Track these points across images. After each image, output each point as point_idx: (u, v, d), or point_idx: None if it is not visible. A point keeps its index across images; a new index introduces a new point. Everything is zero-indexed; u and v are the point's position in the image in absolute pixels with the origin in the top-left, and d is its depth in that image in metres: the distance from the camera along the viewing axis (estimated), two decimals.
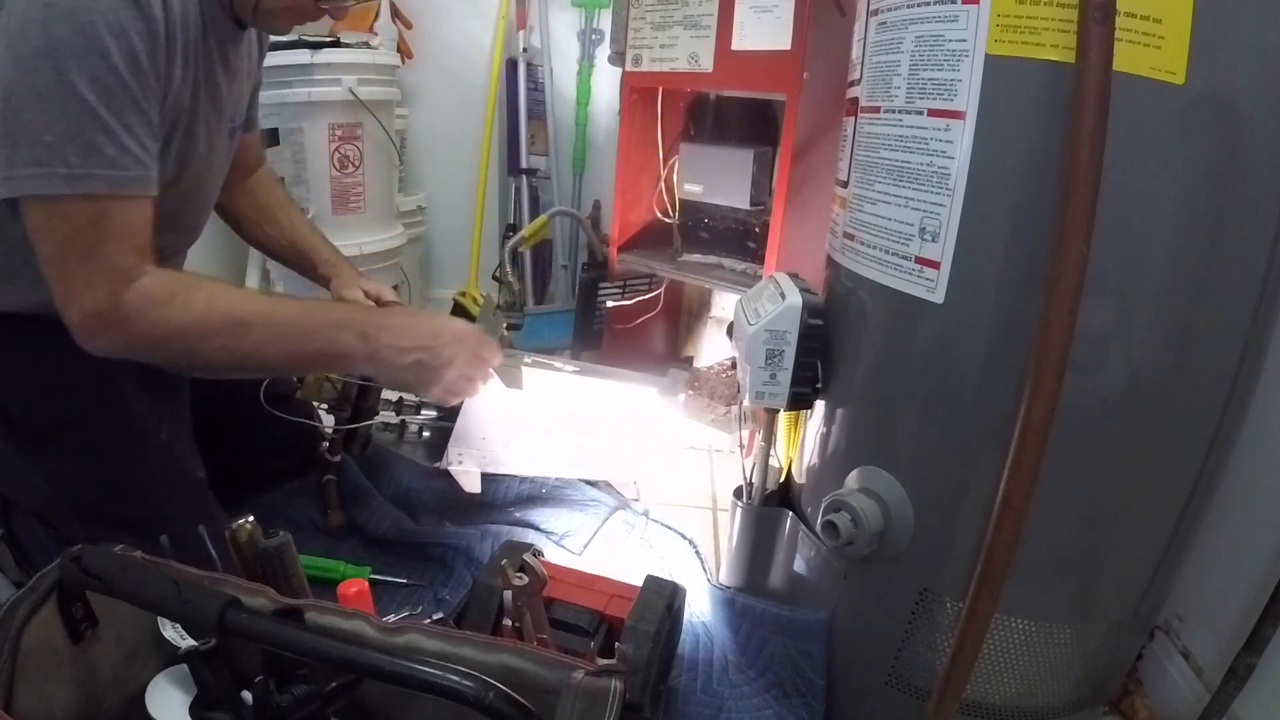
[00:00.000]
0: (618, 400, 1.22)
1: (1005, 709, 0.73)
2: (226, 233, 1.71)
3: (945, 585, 0.70)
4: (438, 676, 0.48)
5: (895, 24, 0.66)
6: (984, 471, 0.63)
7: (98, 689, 0.63)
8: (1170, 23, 0.54)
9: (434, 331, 0.82)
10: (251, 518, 0.72)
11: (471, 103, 1.95)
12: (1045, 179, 0.57)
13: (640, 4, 1.38)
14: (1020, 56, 0.58)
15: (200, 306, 0.71)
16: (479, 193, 1.95)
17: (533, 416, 1.13)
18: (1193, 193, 0.58)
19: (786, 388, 0.80)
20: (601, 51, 1.91)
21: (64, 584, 0.59)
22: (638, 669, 0.69)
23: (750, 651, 0.86)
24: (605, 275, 1.58)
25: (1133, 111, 0.55)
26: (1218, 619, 0.79)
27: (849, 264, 0.75)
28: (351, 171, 1.52)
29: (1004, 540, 0.60)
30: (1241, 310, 0.61)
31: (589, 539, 1.07)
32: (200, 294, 0.72)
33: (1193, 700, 0.79)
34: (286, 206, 1.11)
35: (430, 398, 0.84)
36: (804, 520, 0.85)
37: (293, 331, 0.76)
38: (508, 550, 0.79)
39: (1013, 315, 0.61)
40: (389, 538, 1.04)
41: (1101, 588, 0.70)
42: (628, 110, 1.48)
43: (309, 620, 0.59)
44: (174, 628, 0.60)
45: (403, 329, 0.80)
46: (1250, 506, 0.75)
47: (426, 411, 1.06)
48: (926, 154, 0.64)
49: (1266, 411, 0.70)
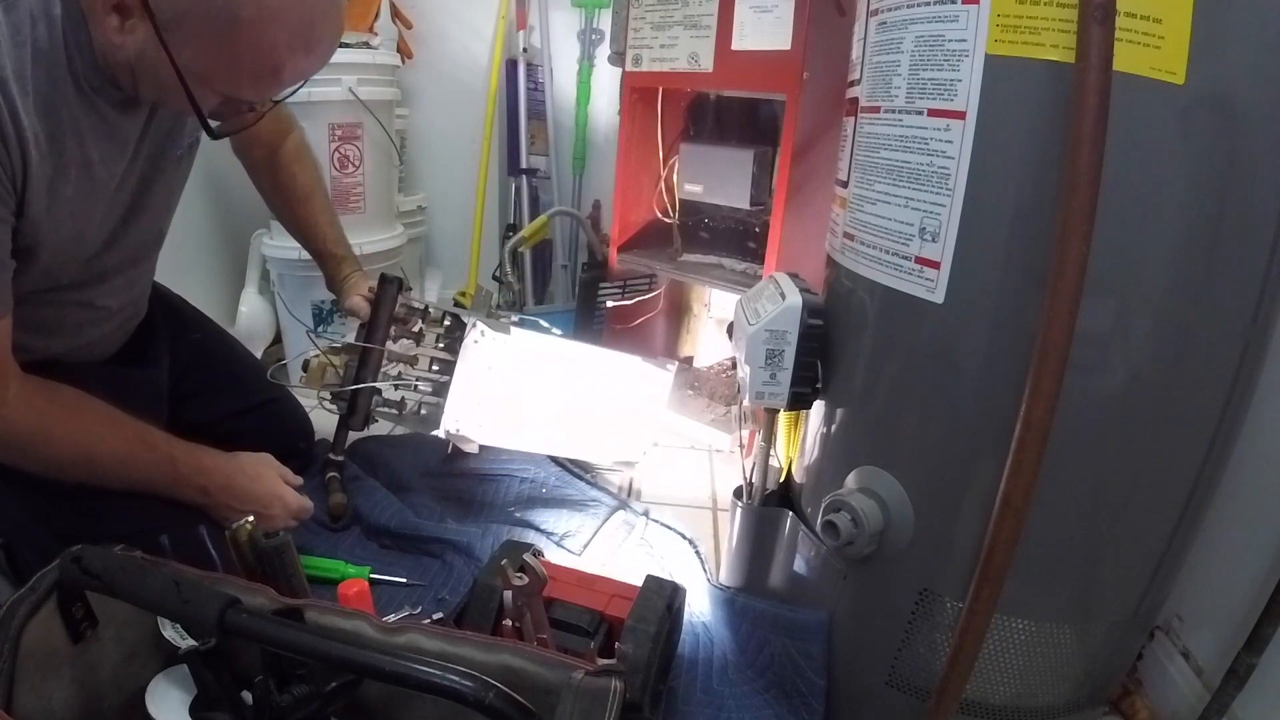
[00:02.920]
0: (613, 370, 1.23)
1: (1005, 709, 0.73)
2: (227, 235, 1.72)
3: (945, 585, 0.70)
4: (438, 676, 0.48)
5: (895, 24, 0.66)
6: (984, 471, 0.63)
7: (98, 689, 0.63)
8: (1170, 23, 0.54)
9: (265, 500, 0.93)
10: (251, 518, 0.72)
11: (471, 103, 1.95)
12: (1045, 179, 0.57)
13: (640, 4, 1.38)
14: (1020, 56, 0.58)
15: (59, 442, 0.77)
16: (479, 193, 1.95)
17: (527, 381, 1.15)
18: (1193, 193, 0.58)
19: (786, 388, 0.80)
20: (601, 51, 1.91)
21: (64, 584, 0.59)
22: (638, 669, 0.69)
23: (750, 651, 0.86)
24: (605, 275, 1.58)
25: (1133, 111, 0.55)
26: (1218, 619, 0.79)
27: (849, 264, 0.75)
28: (351, 171, 1.52)
29: (1004, 540, 0.60)
30: (1241, 310, 0.61)
31: (589, 539, 1.07)
32: (59, 430, 0.77)
33: (1193, 700, 0.79)
34: (311, 193, 1.12)
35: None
36: (804, 520, 0.85)
37: (139, 479, 0.83)
38: (508, 550, 0.79)
39: (1013, 315, 0.61)
40: (392, 527, 1.04)
41: (1101, 588, 0.70)
42: (628, 110, 1.48)
43: (309, 620, 0.59)
44: (174, 628, 0.60)
45: (241, 492, 0.91)
46: (1250, 506, 0.75)
47: (423, 387, 1.09)
48: (926, 154, 0.64)
49: (1266, 411, 0.70)
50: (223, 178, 1.62)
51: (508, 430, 1.15)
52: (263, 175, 1.12)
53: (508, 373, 1.12)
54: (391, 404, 1.11)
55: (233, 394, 1.03)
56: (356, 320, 1.10)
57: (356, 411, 1.08)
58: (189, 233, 1.54)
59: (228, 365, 1.15)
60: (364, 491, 1.11)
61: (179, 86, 0.68)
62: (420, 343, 1.12)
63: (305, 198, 1.12)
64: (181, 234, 0.98)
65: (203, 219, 1.63)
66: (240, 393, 1.09)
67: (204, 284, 1.64)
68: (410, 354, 1.10)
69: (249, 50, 0.67)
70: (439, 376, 1.09)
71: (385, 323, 1.08)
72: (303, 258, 1.40)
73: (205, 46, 0.66)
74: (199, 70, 0.68)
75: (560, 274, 2.09)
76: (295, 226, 1.15)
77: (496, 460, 1.24)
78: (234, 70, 0.69)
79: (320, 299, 1.51)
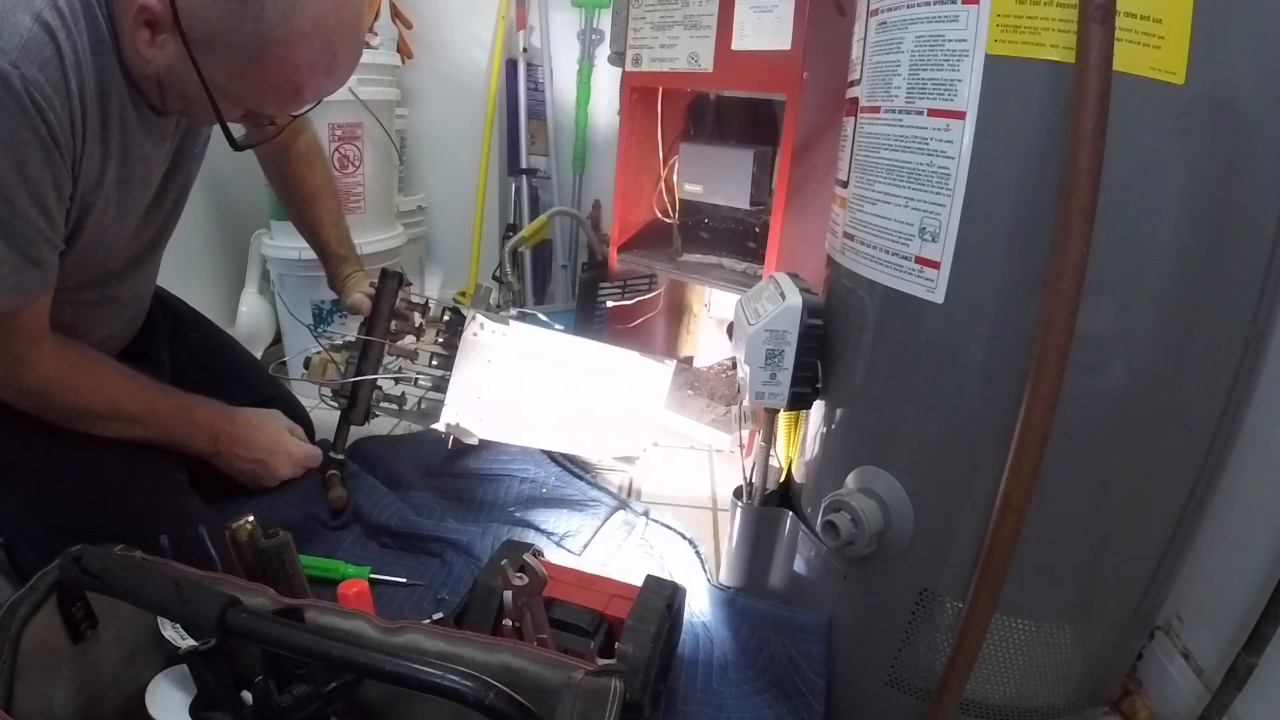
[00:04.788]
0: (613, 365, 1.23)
1: (1005, 709, 0.73)
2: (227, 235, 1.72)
3: (945, 585, 0.70)
4: (438, 676, 0.48)
5: (895, 24, 0.66)
6: (984, 472, 0.63)
7: (98, 689, 0.63)
8: (1170, 23, 0.54)
9: (270, 449, 1.01)
10: (251, 518, 0.72)
11: (471, 103, 1.95)
12: (1045, 179, 0.57)
13: (640, 4, 1.38)
14: (1020, 56, 0.58)
15: (87, 393, 0.83)
16: (479, 193, 1.95)
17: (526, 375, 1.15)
18: (1193, 193, 0.58)
19: (786, 388, 0.80)
20: (601, 51, 1.91)
21: (64, 584, 0.59)
22: (638, 669, 0.69)
23: (750, 651, 0.86)
24: (605, 275, 1.58)
25: (1133, 111, 0.55)
26: (1218, 619, 0.79)
27: (849, 264, 0.75)
28: (351, 171, 1.52)
29: (1004, 540, 0.60)
30: (1241, 310, 0.61)
31: (589, 539, 1.07)
32: (90, 381, 0.83)
33: (1193, 700, 0.79)
34: (319, 194, 1.14)
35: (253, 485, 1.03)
36: (804, 520, 0.85)
37: (157, 424, 0.89)
38: (508, 550, 0.79)
39: (1013, 315, 0.61)
40: (392, 526, 1.04)
41: (1101, 588, 0.70)
42: (628, 110, 1.48)
43: (309, 620, 0.59)
44: (174, 628, 0.60)
45: (247, 441, 0.98)
46: (1250, 506, 0.75)
47: (423, 382, 1.10)
48: (926, 154, 0.64)
49: (1266, 411, 0.70)
50: (223, 178, 1.62)
51: (507, 424, 1.15)
52: (273, 172, 1.16)
53: (507, 366, 1.12)
54: (392, 399, 1.11)
55: (232, 392, 1.04)
56: (357, 320, 1.11)
57: (357, 405, 1.09)
58: (189, 233, 1.53)
59: (227, 363, 1.15)
60: (364, 490, 1.11)
61: (206, 101, 0.71)
62: (420, 338, 1.12)
63: (312, 198, 1.14)
64: (181, 234, 0.98)
65: (203, 219, 1.63)
66: (240, 390, 1.09)
67: (204, 284, 1.64)
68: (411, 349, 1.11)
69: (275, 71, 0.70)
70: (439, 372, 1.09)
71: (386, 316, 1.09)
72: (303, 258, 1.41)
73: (233, 66, 0.69)
74: (225, 87, 0.71)
75: (560, 274, 2.09)
76: (301, 224, 1.17)
77: (497, 460, 1.24)
78: (259, 88, 0.72)
79: (320, 299, 1.51)
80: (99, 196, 0.76)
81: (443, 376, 1.08)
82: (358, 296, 1.10)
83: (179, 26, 0.67)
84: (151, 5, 0.66)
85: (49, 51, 0.65)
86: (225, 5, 0.66)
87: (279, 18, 0.67)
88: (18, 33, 0.63)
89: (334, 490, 1.09)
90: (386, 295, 1.09)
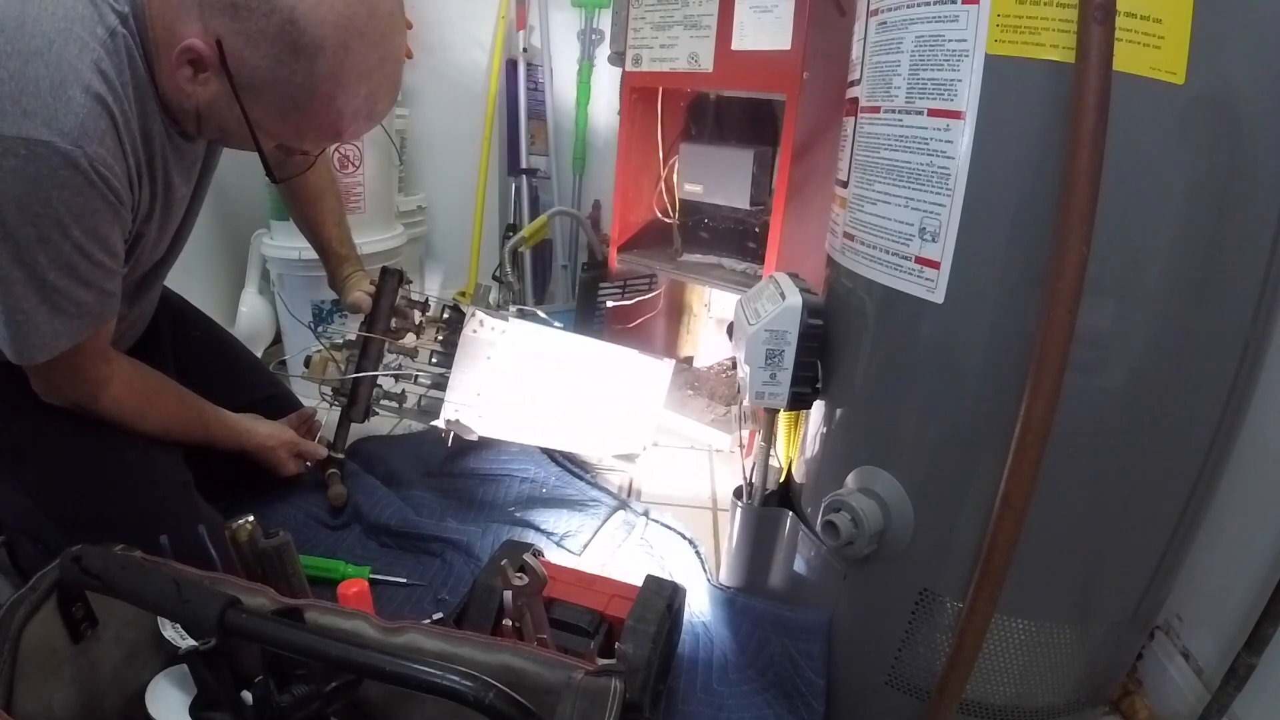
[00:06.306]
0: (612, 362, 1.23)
1: (1005, 709, 0.73)
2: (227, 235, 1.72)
3: (945, 585, 0.70)
4: (438, 676, 0.48)
5: (895, 24, 0.66)
6: (984, 471, 0.63)
7: (98, 689, 0.63)
8: (1170, 23, 0.54)
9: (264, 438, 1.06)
10: (251, 518, 0.72)
11: (471, 103, 1.95)
12: (1045, 179, 0.57)
13: (640, 4, 1.38)
14: (1020, 56, 0.58)
15: (151, 420, 0.89)
16: (479, 193, 1.95)
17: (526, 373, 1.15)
18: (1193, 193, 0.58)
19: (786, 388, 0.80)
20: (601, 51, 1.91)
21: (64, 584, 0.59)
22: (638, 669, 0.69)
23: (750, 651, 0.86)
24: (605, 275, 1.58)
25: (1133, 111, 0.55)
26: (1218, 619, 0.79)
27: (849, 264, 0.75)
28: (351, 171, 1.52)
29: (1004, 540, 0.60)
30: (1241, 310, 0.61)
31: (589, 539, 1.07)
32: (152, 411, 0.89)
33: (1193, 700, 0.79)
34: (322, 195, 1.15)
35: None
36: (804, 520, 0.85)
37: (197, 435, 0.96)
38: (508, 550, 0.79)
39: (1013, 315, 0.61)
40: (392, 525, 1.05)
41: (1101, 588, 0.70)
42: (628, 110, 1.48)
43: (309, 620, 0.59)
44: (174, 628, 0.60)
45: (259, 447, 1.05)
46: (1250, 506, 0.75)
47: (423, 380, 1.10)
48: (926, 154, 0.64)
49: (1266, 412, 0.70)
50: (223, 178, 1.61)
51: (507, 422, 1.15)
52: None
53: (507, 364, 1.12)
54: (392, 397, 1.11)
55: (233, 390, 1.04)
56: (357, 320, 1.11)
57: (358, 402, 1.09)
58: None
59: (228, 362, 1.15)
60: (364, 489, 1.11)
61: (246, 136, 0.73)
62: (420, 335, 1.12)
63: (315, 198, 1.14)
64: None
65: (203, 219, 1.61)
66: (240, 389, 1.09)
67: (204, 284, 1.64)
68: (411, 346, 1.11)
69: (320, 116, 0.73)
70: (439, 369, 1.09)
71: (386, 314, 1.09)
72: (303, 258, 1.41)
73: (279, 110, 0.72)
74: (267, 126, 0.73)
75: (560, 274, 2.09)
76: (303, 223, 1.17)
77: (497, 459, 1.24)
78: (301, 129, 0.75)
79: (320, 299, 1.51)
80: (149, 227, 0.81)
81: (443, 374, 1.08)
82: (358, 295, 1.10)
83: (226, 70, 0.69)
84: (198, 48, 0.68)
85: (104, 124, 0.67)
86: (277, 56, 0.67)
87: (328, 72, 0.69)
88: (74, 112, 0.65)
89: (334, 488, 1.09)
90: (386, 293, 1.09)
